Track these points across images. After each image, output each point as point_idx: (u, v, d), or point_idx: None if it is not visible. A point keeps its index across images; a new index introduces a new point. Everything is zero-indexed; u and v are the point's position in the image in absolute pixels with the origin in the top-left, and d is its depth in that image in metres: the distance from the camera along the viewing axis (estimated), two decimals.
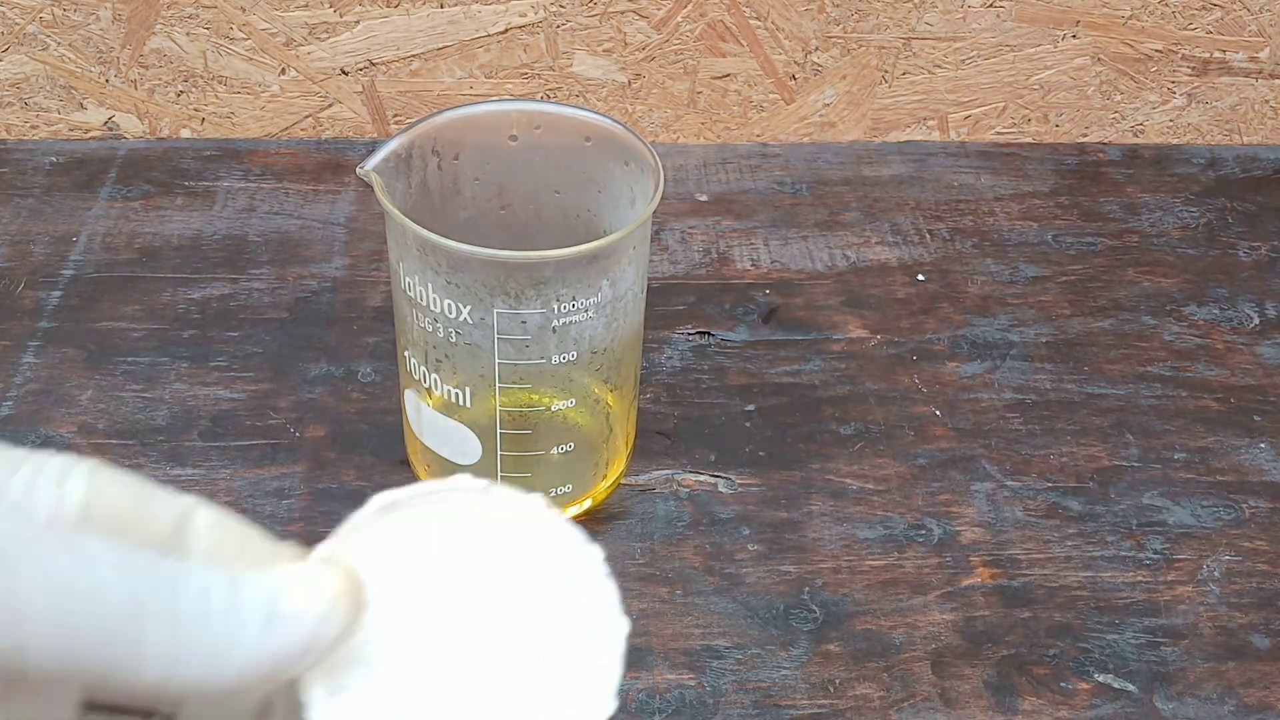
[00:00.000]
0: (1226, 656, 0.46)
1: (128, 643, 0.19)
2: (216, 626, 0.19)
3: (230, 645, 0.19)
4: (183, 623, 0.19)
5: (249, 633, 0.19)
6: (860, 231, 0.65)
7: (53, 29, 0.64)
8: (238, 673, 0.20)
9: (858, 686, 0.44)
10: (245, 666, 0.20)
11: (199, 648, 0.19)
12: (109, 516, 0.20)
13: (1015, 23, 0.67)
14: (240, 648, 0.19)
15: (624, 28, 0.66)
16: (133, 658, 0.19)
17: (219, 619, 0.19)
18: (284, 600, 0.20)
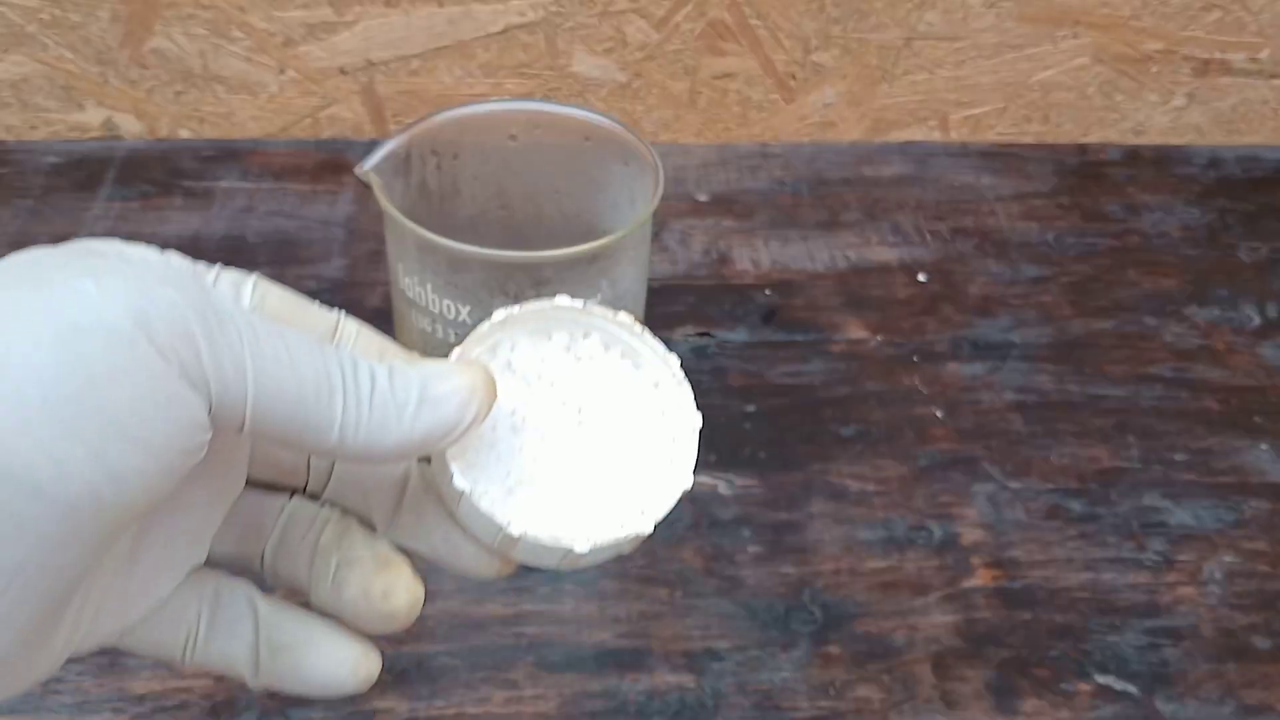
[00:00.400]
0: (1227, 657, 0.46)
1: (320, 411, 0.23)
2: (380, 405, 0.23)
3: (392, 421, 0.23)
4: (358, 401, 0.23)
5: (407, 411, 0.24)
6: (861, 232, 0.65)
7: (52, 29, 0.64)
8: (396, 444, 0.24)
9: (859, 688, 0.44)
10: (402, 439, 0.24)
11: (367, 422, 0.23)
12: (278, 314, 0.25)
13: (1016, 22, 0.67)
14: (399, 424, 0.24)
15: (624, 27, 0.66)
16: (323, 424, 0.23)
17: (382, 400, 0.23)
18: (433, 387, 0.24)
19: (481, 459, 0.27)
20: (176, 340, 0.21)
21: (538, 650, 0.45)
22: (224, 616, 0.26)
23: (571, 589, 0.47)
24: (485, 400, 0.25)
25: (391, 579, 0.26)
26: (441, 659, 0.45)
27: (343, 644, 0.26)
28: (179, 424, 0.21)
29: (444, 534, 0.27)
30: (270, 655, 0.26)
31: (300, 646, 0.26)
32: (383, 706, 0.43)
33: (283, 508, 0.28)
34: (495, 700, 0.43)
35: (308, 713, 0.43)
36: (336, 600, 0.26)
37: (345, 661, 0.26)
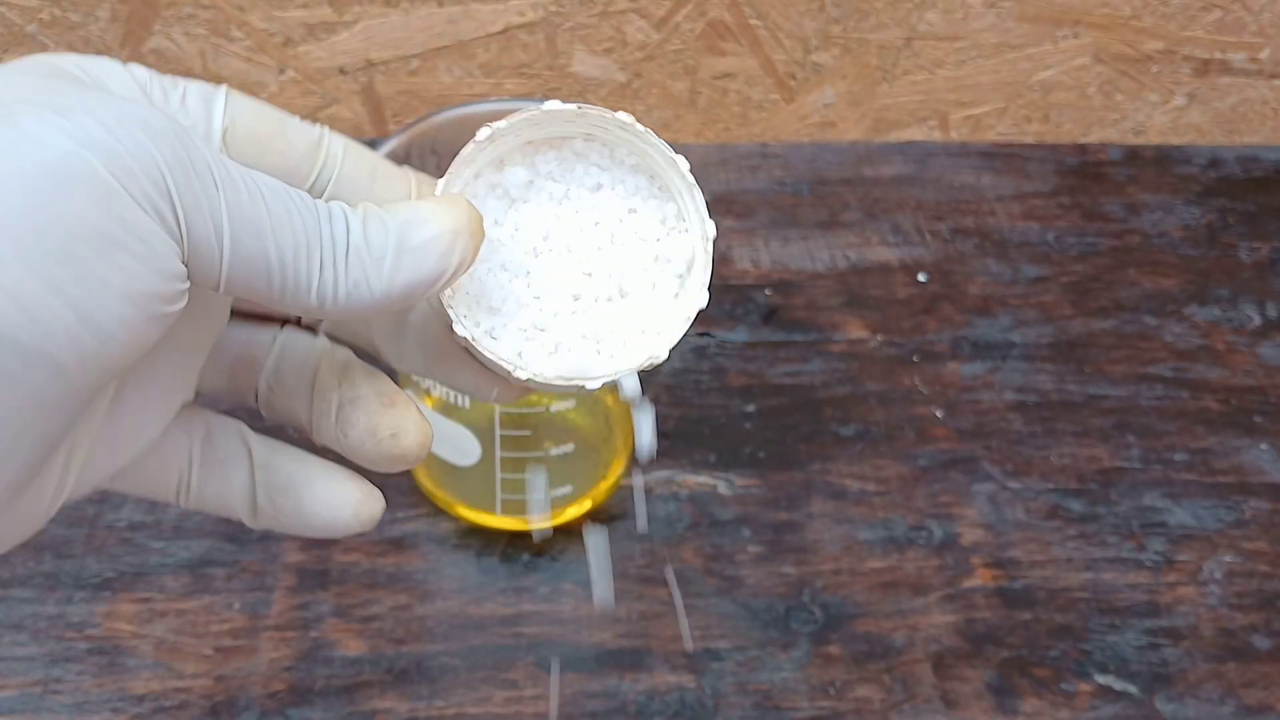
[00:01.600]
0: (1227, 657, 0.46)
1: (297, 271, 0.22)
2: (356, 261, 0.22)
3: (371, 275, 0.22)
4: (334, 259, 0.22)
5: (385, 265, 0.22)
6: (861, 231, 0.65)
7: (51, 29, 0.64)
8: (376, 300, 0.23)
9: (859, 688, 0.44)
10: (382, 294, 0.23)
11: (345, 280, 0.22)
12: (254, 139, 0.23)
13: (1016, 22, 0.67)
14: (379, 278, 0.22)
15: (624, 27, 0.66)
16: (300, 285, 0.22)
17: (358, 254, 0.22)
18: (411, 236, 0.23)
19: (483, 296, 0.25)
20: (151, 188, 0.20)
21: (538, 650, 0.45)
22: (217, 457, 0.25)
23: (571, 589, 0.47)
24: (470, 244, 0.23)
25: (400, 418, 0.25)
26: (441, 659, 0.45)
27: (343, 482, 0.26)
28: (158, 272, 0.21)
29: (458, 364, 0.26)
30: (268, 497, 0.26)
31: (298, 486, 0.26)
32: (383, 706, 0.43)
33: (275, 338, 0.26)
34: (495, 700, 0.43)
35: (308, 712, 0.43)
36: (342, 440, 0.26)
37: (348, 501, 0.26)
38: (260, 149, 0.23)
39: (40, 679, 0.43)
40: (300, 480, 0.26)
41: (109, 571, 0.47)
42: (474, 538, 0.49)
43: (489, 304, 0.25)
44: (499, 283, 0.25)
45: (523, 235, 0.26)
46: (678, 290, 0.26)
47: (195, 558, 0.47)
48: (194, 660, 0.44)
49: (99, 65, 0.23)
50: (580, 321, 0.26)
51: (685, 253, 0.26)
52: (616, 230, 0.26)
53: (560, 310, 0.26)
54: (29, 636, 0.45)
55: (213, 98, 0.24)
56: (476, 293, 0.25)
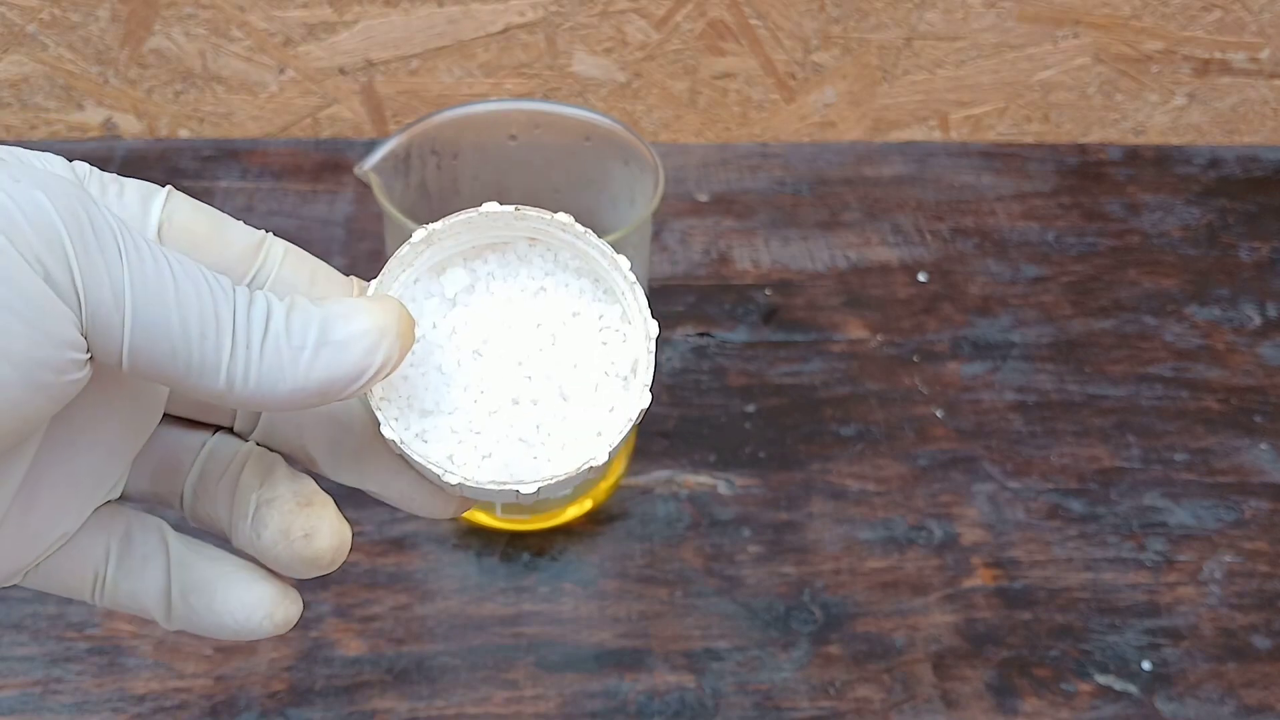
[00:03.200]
0: (1227, 657, 0.46)
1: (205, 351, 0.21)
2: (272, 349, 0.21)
3: (286, 366, 0.21)
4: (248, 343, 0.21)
5: (303, 356, 0.21)
6: (861, 231, 0.65)
7: (51, 29, 0.64)
8: (290, 393, 0.22)
9: (859, 688, 0.44)
10: (297, 388, 0.22)
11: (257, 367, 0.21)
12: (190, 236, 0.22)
13: (1016, 22, 0.67)
14: (294, 370, 0.21)
15: (624, 27, 0.66)
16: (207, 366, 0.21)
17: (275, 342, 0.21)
18: (334, 329, 0.22)
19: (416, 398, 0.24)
20: (43, 248, 0.19)
21: (538, 650, 0.45)
22: (134, 555, 0.25)
23: (571, 589, 0.47)
24: (397, 344, 0.22)
25: (314, 519, 0.24)
26: (442, 659, 0.45)
27: (257, 585, 0.25)
28: (46, 336, 0.19)
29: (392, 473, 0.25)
30: (182, 597, 0.24)
31: (213, 587, 0.24)
32: (383, 706, 0.43)
33: (204, 444, 0.25)
34: (495, 700, 0.43)
35: (308, 713, 0.43)
36: (256, 541, 0.24)
37: (262, 602, 0.24)
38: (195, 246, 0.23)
39: (40, 679, 0.43)
40: (215, 580, 0.25)
41: None
42: (474, 538, 0.49)
43: (421, 406, 0.24)
44: (433, 385, 0.24)
45: (461, 338, 0.25)
46: (620, 392, 0.25)
47: None
48: (194, 660, 0.44)
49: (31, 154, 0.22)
50: (517, 424, 0.25)
51: (629, 355, 0.25)
52: (559, 333, 0.25)
53: (497, 412, 0.25)
54: (29, 636, 0.45)
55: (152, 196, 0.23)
56: (409, 395, 0.24)
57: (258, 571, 0.25)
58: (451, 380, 0.25)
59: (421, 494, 0.25)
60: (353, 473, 0.25)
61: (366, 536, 0.48)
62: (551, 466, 0.24)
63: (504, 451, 0.24)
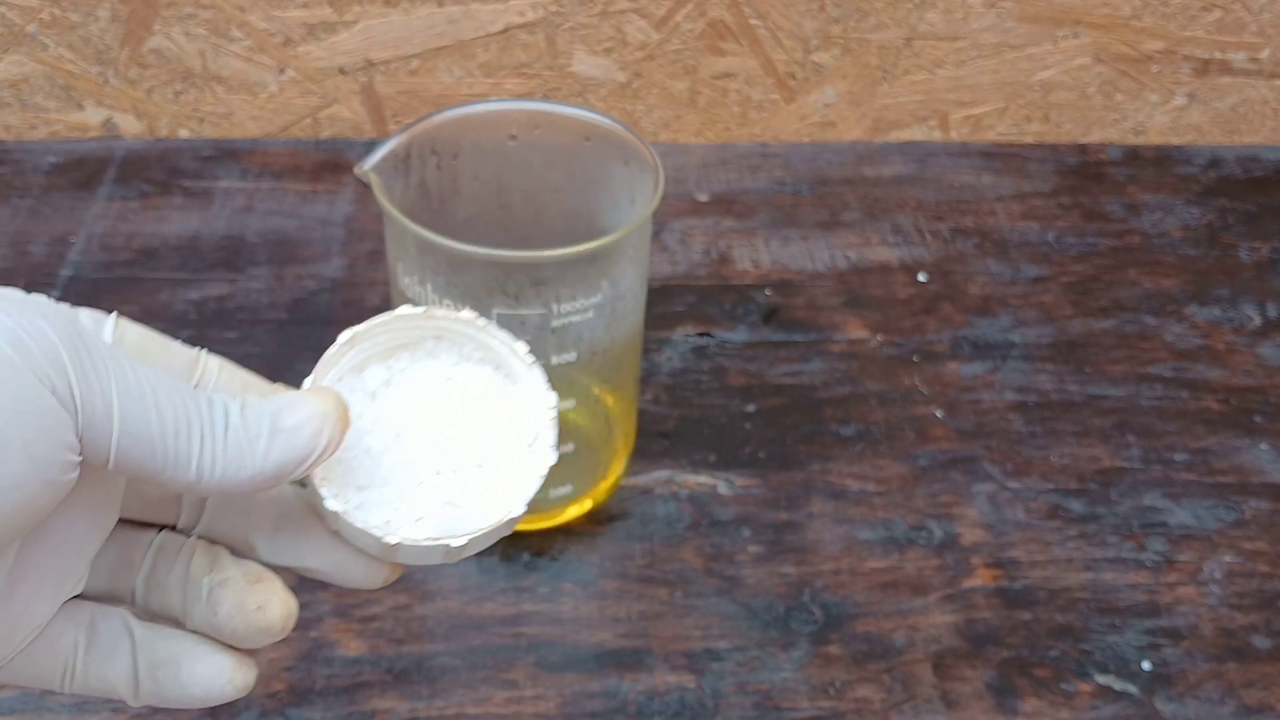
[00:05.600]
0: (1227, 657, 0.46)
1: (179, 448, 0.24)
2: (234, 441, 0.25)
3: (246, 455, 0.25)
4: (213, 438, 0.25)
5: (259, 445, 0.25)
6: (861, 231, 0.65)
7: (51, 29, 0.64)
8: (251, 476, 0.25)
9: (859, 688, 0.44)
10: (257, 471, 0.25)
11: (223, 457, 0.25)
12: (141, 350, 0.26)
13: (1016, 22, 0.67)
14: (253, 457, 0.25)
15: (624, 27, 0.66)
16: (180, 460, 0.24)
17: (235, 435, 0.25)
18: (284, 419, 0.25)
19: (351, 476, 0.28)
20: (48, 366, 0.23)
21: (538, 650, 0.45)
22: (101, 641, 0.27)
23: (571, 589, 0.47)
24: (338, 427, 0.26)
25: (265, 593, 0.27)
26: (442, 659, 0.45)
27: (218, 655, 0.28)
28: (53, 438, 0.23)
29: (328, 549, 0.28)
30: (149, 674, 0.27)
31: (177, 661, 0.27)
32: (383, 706, 0.43)
33: (151, 541, 0.28)
34: (495, 700, 0.43)
35: (308, 713, 0.43)
36: (212, 619, 0.27)
37: (223, 671, 0.27)
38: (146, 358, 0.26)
39: None
40: (180, 656, 0.27)
41: None
42: None
43: (357, 484, 0.28)
44: (365, 465, 0.28)
45: (383, 424, 0.29)
46: (527, 455, 0.29)
47: None
48: None
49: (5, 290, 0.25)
50: (442, 490, 0.28)
51: (531, 426, 0.29)
52: (467, 414, 0.29)
53: (423, 483, 0.28)
54: None
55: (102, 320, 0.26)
56: (344, 474, 0.28)
57: (215, 644, 0.28)
58: (380, 460, 0.28)
59: (357, 564, 0.28)
60: (292, 553, 0.28)
61: None
62: (476, 522, 0.28)
63: (434, 513, 0.28)
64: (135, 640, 0.27)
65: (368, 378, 0.29)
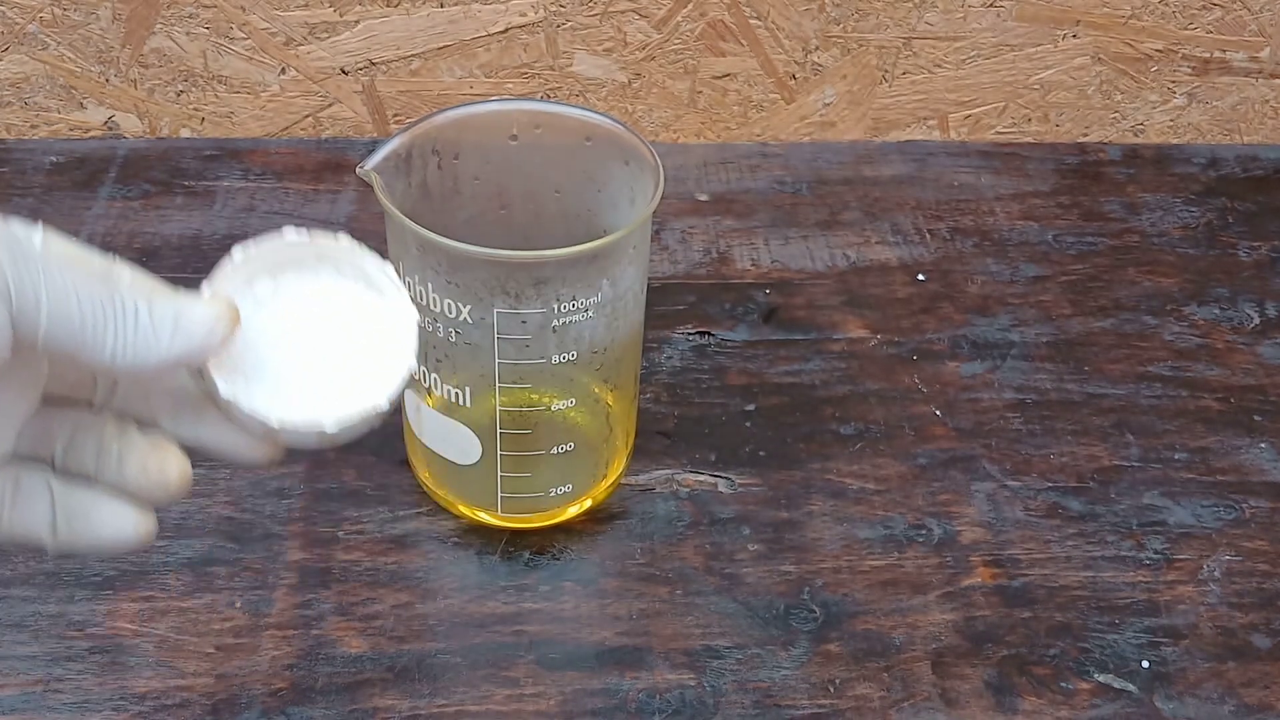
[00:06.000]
0: (1227, 656, 0.46)
1: (96, 335, 0.29)
2: (143, 332, 0.30)
3: (152, 343, 0.30)
4: (125, 328, 0.30)
5: (164, 335, 0.30)
6: (860, 231, 0.65)
7: (52, 29, 0.64)
8: (158, 361, 0.30)
9: (858, 686, 0.44)
10: (162, 358, 0.30)
11: (133, 344, 0.30)
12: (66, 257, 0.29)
13: (1016, 22, 0.67)
14: (158, 345, 0.30)
15: (624, 27, 0.66)
16: (98, 345, 0.29)
17: (144, 327, 0.30)
18: (184, 316, 0.30)
19: (240, 368, 0.33)
20: None
21: (538, 649, 0.45)
22: (25, 494, 0.32)
23: (572, 587, 0.47)
24: (229, 325, 0.31)
25: (164, 456, 0.32)
26: (442, 657, 0.45)
27: (125, 509, 0.32)
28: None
29: (221, 430, 0.33)
30: (66, 522, 0.32)
31: (89, 511, 0.32)
32: (384, 704, 0.43)
33: (70, 417, 0.33)
34: (496, 698, 0.44)
35: (309, 711, 0.43)
36: (120, 477, 0.32)
37: (128, 521, 0.32)
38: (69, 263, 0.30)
39: (41, 678, 0.43)
40: (92, 507, 0.32)
41: (110, 570, 0.47)
42: (475, 536, 0.49)
43: (245, 374, 0.33)
44: (251, 359, 0.33)
45: (268, 327, 0.33)
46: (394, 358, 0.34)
47: (197, 556, 0.47)
48: (195, 659, 0.44)
49: None
50: (317, 385, 0.33)
51: (396, 334, 0.34)
52: (342, 322, 0.34)
53: (301, 377, 0.33)
54: (30, 635, 0.45)
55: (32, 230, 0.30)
56: (234, 367, 0.32)
57: (123, 499, 0.32)
58: (265, 356, 0.33)
59: (245, 443, 0.33)
60: (190, 432, 0.33)
61: (368, 535, 0.49)
62: (347, 411, 0.33)
63: (310, 403, 0.33)
64: (54, 494, 0.32)
65: (257, 289, 0.34)
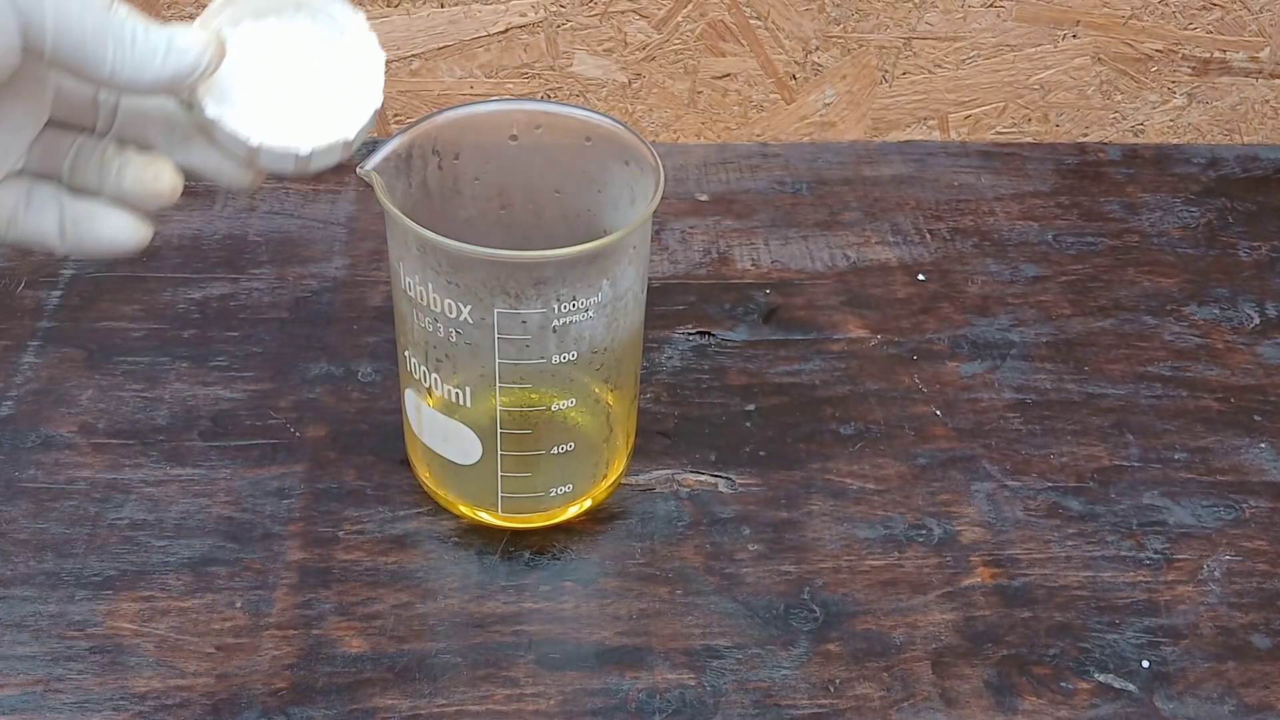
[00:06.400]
0: (1227, 656, 0.46)
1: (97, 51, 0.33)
2: (140, 51, 0.34)
3: (147, 63, 0.34)
4: (123, 47, 0.34)
5: (158, 56, 0.34)
6: (860, 231, 0.65)
7: None
8: (152, 80, 0.34)
9: (858, 686, 0.44)
10: (155, 77, 0.34)
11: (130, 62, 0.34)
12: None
13: (1015, 22, 0.67)
14: (152, 65, 0.34)
15: (624, 27, 0.66)
16: (99, 61, 0.34)
17: (140, 48, 0.34)
18: (177, 41, 0.34)
19: (225, 95, 0.37)
20: None
21: (539, 648, 0.45)
22: (36, 202, 0.37)
23: (572, 587, 0.47)
24: (216, 54, 0.35)
25: (159, 168, 0.37)
26: (442, 657, 0.45)
27: (125, 217, 0.37)
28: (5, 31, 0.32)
29: (207, 153, 0.37)
30: (72, 227, 0.37)
31: (94, 218, 0.37)
32: (384, 704, 0.43)
33: (75, 139, 0.37)
34: (496, 698, 0.44)
35: (309, 711, 0.43)
36: (120, 188, 0.37)
37: (127, 225, 0.37)
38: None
39: (41, 678, 0.43)
40: (95, 214, 0.37)
41: (110, 570, 0.47)
42: (475, 536, 0.49)
43: (229, 100, 0.37)
44: (235, 87, 0.37)
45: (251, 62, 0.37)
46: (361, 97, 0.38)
47: (197, 556, 0.48)
48: (196, 659, 0.44)
49: None
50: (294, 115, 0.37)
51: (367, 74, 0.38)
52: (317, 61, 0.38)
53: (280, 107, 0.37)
54: (30, 635, 0.45)
55: None
56: (220, 93, 0.37)
57: (123, 208, 0.37)
58: (248, 85, 0.37)
59: (228, 166, 0.38)
60: (180, 154, 0.38)
61: (368, 535, 0.49)
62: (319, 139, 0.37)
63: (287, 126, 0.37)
64: (62, 203, 0.37)
65: (240, 29, 0.37)
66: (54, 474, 0.50)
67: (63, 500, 0.49)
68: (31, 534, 0.48)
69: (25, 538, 0.48)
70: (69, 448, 0.51)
